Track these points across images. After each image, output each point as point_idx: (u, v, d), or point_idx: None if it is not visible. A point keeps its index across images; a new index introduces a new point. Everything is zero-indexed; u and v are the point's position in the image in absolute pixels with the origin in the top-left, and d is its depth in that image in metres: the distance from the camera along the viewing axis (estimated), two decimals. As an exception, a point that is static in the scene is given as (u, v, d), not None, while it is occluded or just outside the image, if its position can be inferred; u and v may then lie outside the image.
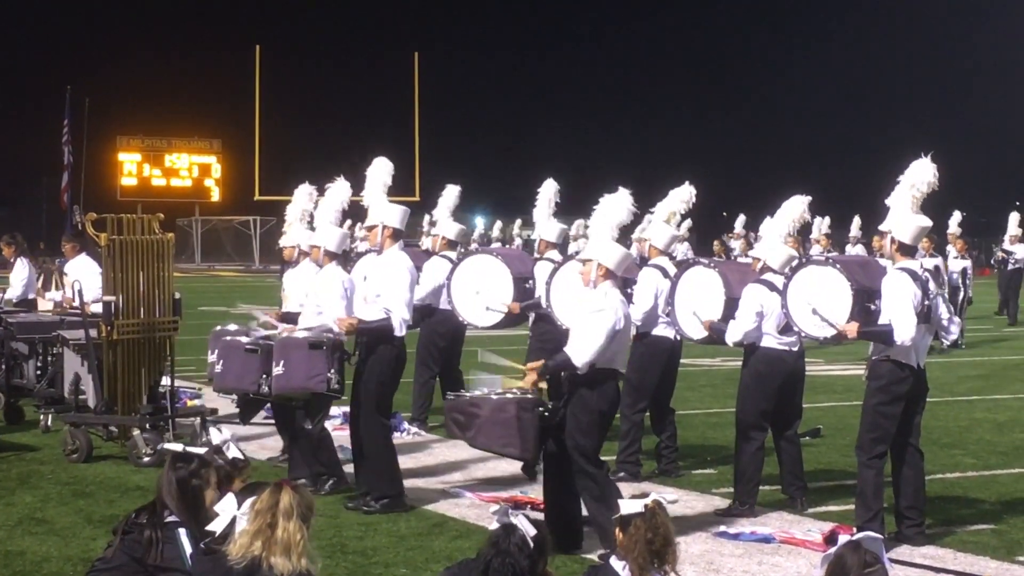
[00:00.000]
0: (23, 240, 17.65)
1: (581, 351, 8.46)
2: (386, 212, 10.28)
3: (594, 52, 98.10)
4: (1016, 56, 73.85)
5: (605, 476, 8.69)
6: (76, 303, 13.75)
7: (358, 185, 11.21)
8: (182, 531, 6.06)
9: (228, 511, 5.81)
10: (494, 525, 5.82)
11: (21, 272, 16.83)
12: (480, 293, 12.56)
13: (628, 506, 5.86)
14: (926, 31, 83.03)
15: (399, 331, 9.85)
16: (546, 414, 8.69)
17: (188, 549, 6.01)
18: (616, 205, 9.15)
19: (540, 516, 8.50)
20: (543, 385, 8.91)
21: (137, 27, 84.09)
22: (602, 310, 8.49)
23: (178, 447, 6.39)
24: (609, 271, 8.63)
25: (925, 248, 24.55)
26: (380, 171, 10.99)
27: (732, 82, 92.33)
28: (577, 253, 12.31)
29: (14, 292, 16.81)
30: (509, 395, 8.85)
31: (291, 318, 11.30)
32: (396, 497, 9.91)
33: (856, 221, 32.16)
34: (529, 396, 8.77)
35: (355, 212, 14.54)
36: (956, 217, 25.32)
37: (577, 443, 8.61)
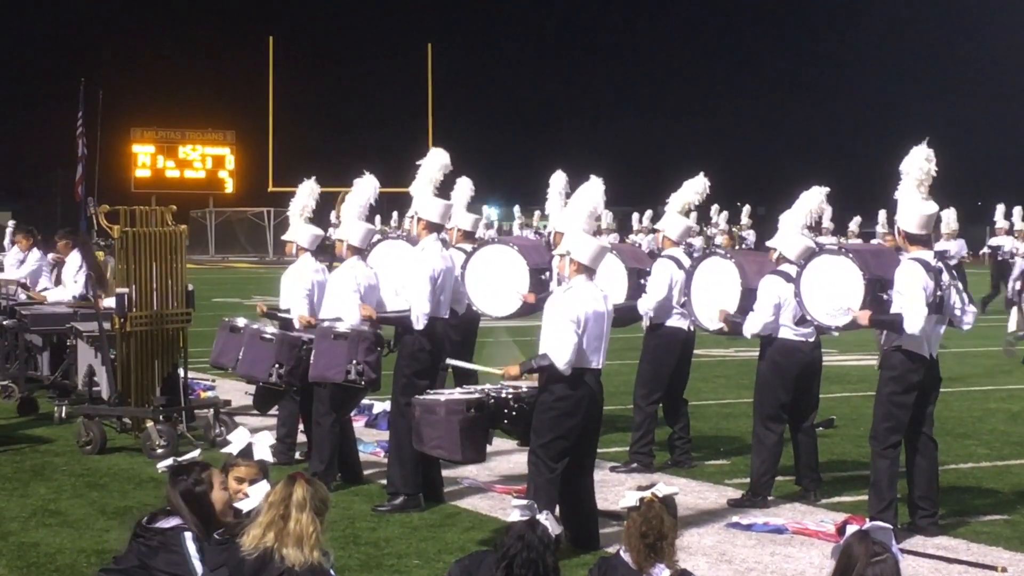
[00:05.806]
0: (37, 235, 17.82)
1: (560, 352, 8.26)
2: (424, 204, 10.14)
3: (609, 42, 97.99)
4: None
5: (546, 482, 8.39)
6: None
7: (383, 179, 11.10)
8: (188, 535, 6.08)
9: (259, 495, 5.85)
10: (513, 516, 5.82)
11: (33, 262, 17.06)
12: (496, 283, 12.31)
13: (627, 499, 5.92)
14: (942, 21, 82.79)
15: (417, 325, 9.79)
16: (515, 410, 8.61)
17: (193, 554, 6.03)
18: (589, 195, 8.90)
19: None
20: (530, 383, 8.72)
21: (151, 19, 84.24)
22: (568, 309, 8.32)
23: (169, 460, 6.49)
24: (582, 265, 8.46)
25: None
26: (430, 162, 10.71)
27: (749, 76, 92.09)
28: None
29: (24, 271, 16.99)
30: (457, 395, 8.75)
31: (275, 315, 11.56)
32: (411, 497, 9.72)
33: (857, 220, 32.27)
34: (471, 397, 8.65)
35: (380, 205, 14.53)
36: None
37: (533, 439, 8.52)
